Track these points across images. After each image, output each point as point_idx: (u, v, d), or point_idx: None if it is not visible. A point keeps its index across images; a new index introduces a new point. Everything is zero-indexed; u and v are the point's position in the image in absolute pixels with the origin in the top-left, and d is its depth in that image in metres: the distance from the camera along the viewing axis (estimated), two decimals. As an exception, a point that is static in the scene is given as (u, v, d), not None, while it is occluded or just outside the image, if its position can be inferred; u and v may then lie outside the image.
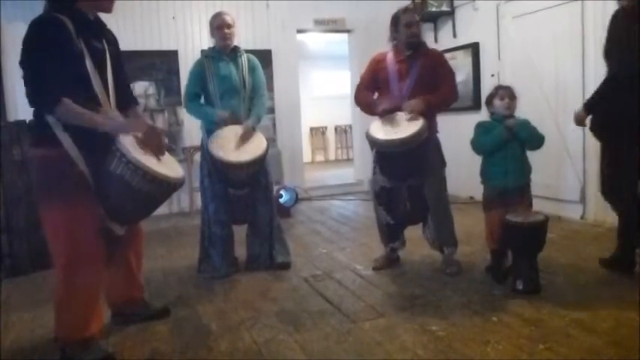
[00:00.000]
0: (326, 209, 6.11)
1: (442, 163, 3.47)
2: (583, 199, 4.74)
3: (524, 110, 3.25)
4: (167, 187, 2.33)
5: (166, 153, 2.51)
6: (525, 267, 3.01)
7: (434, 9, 6.32)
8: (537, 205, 3.60)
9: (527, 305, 2.84)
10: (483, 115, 3.68)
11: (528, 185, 3.29)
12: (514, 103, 3.23)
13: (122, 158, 2.22)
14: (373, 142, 3.22)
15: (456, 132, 4.76)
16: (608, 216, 4.19)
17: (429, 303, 2.97)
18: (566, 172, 4.86)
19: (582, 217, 4.73)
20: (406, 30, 3.36)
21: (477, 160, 3.38)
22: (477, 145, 3.25)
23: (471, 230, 4.40)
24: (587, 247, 3.89)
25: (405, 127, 3.16)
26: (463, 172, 4.75)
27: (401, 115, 3.27)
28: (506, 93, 3.23)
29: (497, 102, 3.24)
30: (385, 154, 3.26)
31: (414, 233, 3.77)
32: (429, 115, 3.28)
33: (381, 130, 3.22)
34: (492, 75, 5.68)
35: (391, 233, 3.65)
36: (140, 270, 2.86)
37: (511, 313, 2.76)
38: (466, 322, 2.65)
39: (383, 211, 3.56)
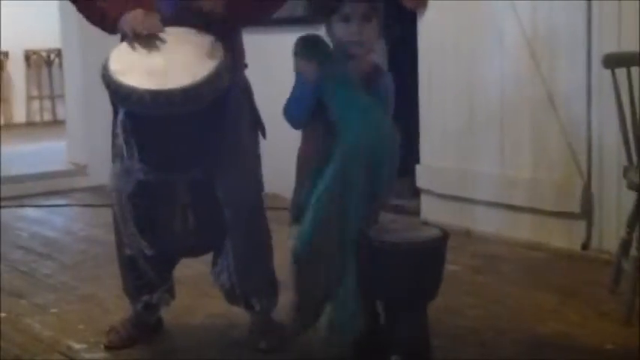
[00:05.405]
0: (7, 227, 4.03)
1: (254, 133, 2.34)
2: None
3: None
4: None
5: None
6: (406, 328, 2.01)
7: None
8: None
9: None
10: None
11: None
12: (370, 28, 2.08)
13: None
14: (122, 94, 2.02)
15: (286, 65, 3.17)
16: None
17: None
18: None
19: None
20: None
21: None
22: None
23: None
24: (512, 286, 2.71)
25: (187, 62, 2.04)
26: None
27: (175, 34, 2.12)
28: (355, 11, 2.05)
29: (339, 26, 2.08)
30: (147, 121, 2.12)
31: (193, 268, 2.60)
32: (226, 34, 2.19)
33: (135, 67, 2.03)
34: None
35: (148, 275, 2.35)
36: None
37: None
38: None
39: (135, 230, 2.28)
